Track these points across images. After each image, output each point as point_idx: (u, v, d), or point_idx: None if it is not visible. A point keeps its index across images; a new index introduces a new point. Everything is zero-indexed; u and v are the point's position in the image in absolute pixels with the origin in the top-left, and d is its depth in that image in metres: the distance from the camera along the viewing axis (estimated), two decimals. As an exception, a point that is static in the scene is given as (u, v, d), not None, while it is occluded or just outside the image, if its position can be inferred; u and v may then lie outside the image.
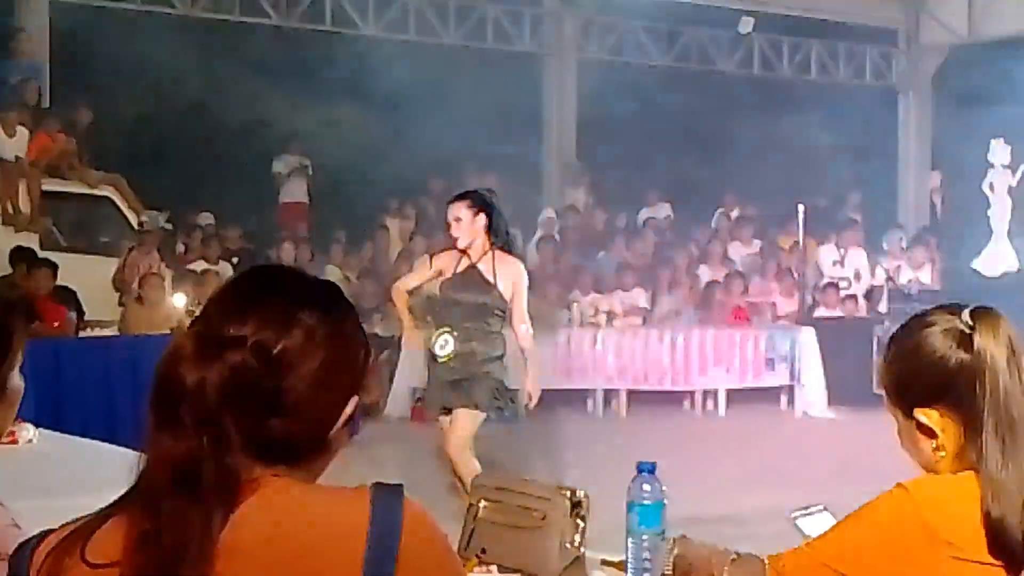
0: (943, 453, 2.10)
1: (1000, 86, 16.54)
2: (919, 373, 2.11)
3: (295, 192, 15.83)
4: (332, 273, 14.03)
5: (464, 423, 7.26)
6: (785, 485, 9.24)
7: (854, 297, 15.39)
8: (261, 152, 15.83)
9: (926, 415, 2.10)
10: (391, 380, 13.13)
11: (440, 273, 7.40)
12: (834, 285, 15.27)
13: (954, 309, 2.14)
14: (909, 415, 2.13)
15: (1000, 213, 13.55)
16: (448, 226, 7.17)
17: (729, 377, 13.87)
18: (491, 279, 7.14)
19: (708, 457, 11.28)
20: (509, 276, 7.19)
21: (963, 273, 13.59)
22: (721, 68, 18.64)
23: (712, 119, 18.36)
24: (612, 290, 14.55)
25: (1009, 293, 13.06)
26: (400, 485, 1.69)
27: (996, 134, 13.59)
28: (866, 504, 2.11)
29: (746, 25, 18.07)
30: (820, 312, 15.12)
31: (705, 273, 15.56)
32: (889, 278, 15.16)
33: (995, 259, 13.56)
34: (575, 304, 14.14)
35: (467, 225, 7.08)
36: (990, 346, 2.06)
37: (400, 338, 13.17)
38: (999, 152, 13.52)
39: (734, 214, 17.26)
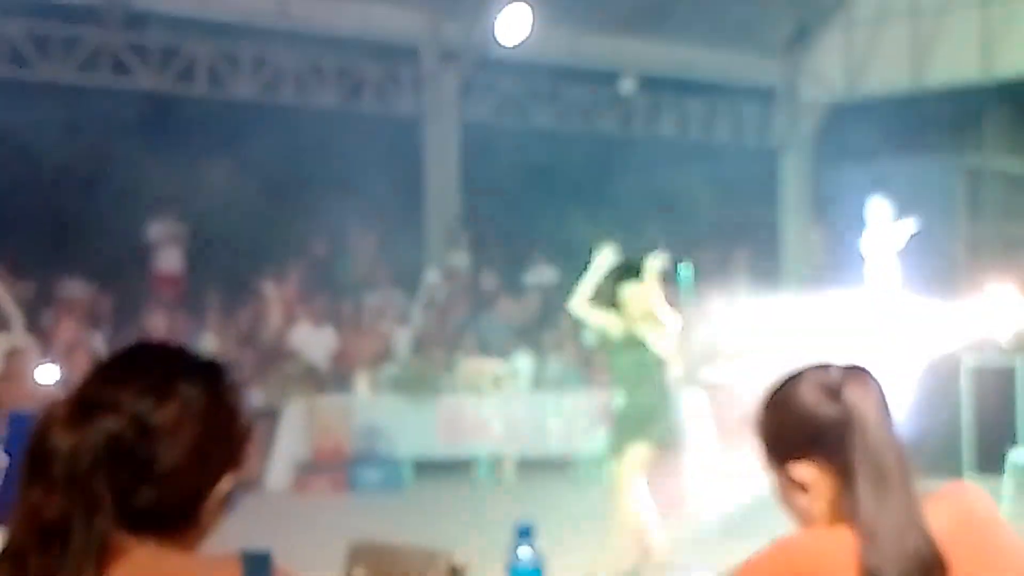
0: (817, 506, 2.12)
1: (877, 143, 16.80)
2: (791, 427, 2.13)
3: (169, 259, 15.50)
4: (208, 341, 13.70)
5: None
6: (676, 547, 9.14)
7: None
8: (133, 219, 15.46)
9: (799, 469, 2.12)
10: (270, 451, 12.81)
11: None
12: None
13: (824, 364, 2.15)
14: (782, 469, 2.14)
15: (879, 270, 13.66)
16: None
17: (616, 439, 13.72)
18: None
19: (596, 522, 11.15)
20: None
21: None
22: (602, 128, 18.68)
23: (595, 178, 18.37)
24: (498, 353, 14.40)
25: (890, 349, 13.17)
26: (268, 553, 1.71)
27: (874, 191, 13.72)
28: (743, 564, 2.12)
29: (626, 86, 18.21)
30: (706, 374, 15.06)
31: (590, 335, 15.45)
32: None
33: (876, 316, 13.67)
34: (459, 367, 13.96)
35: None
36: (859, 399, 2.08)
37: (280, 408, 12.96)
38: (877, 208, 13.65)
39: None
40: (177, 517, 1.74)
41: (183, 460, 1.71)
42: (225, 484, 1.77)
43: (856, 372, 2.14)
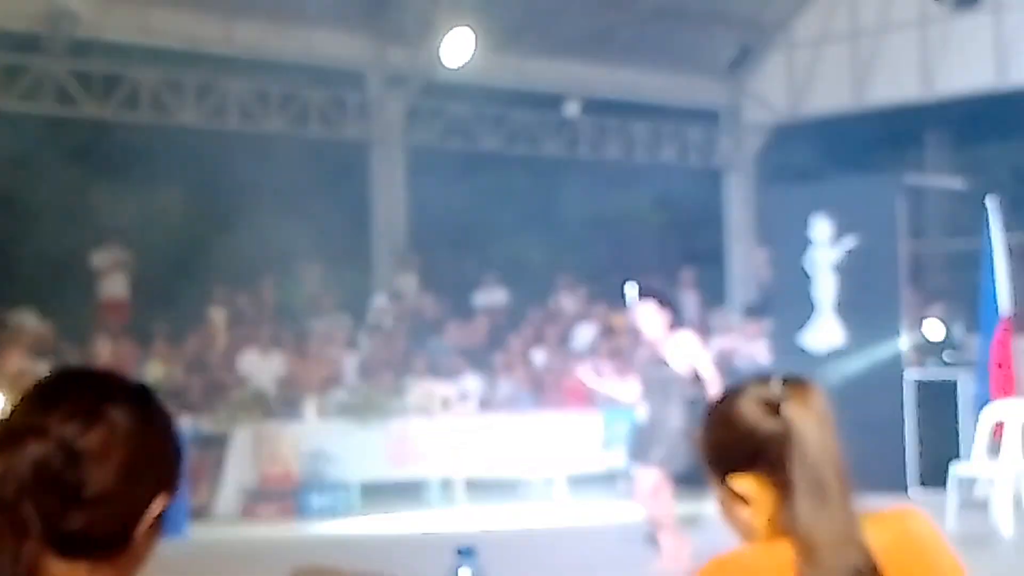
0: (758, 521, 2.12)
1: (820, 163, 17.00)
2: (731, 442, 2.14)
3: (115, 286, 15.45)
4: (154, 368, 13.66)
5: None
6: (625, 569, 9.23)
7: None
8: (79, 246, 15.40)
9: (740, 483, 2.13)
10: (218, 477, 12.77)
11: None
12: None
13: (766, 378, 2.17)
14: (724, 483, 2.15)
15: (823, 288, 13.80)
16: None
17: (566, 461, 13.82)
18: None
19: (545, 542, 11.22)
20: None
21: (791, 349, 13.79)
22: (549, 151, 18.80)
23: (542, 201, 18.49)
24: (447, 376, 14.44)
25: (836, 366, 13.32)
26: None
27: (817, 210, 13.86)
28: None
29: (571, 109, 18.36)
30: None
31: (540, 356, 15.54)
32: (721, 355, 15.28)
33: (821, 334, 13.80)
34: (408, 391, 13.98)
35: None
36: (799, 414, 2.09)
37: (228, 434, 12.93)
38: (821, 228, 13.79)
39: (568, 295, 17.34)
40: (108, 542, 1.73)
41: (112, 484, 1.71)
42: (157, 507, 1.76)
43: (797, 386, 2.14)
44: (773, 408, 2.11)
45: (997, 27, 17.67)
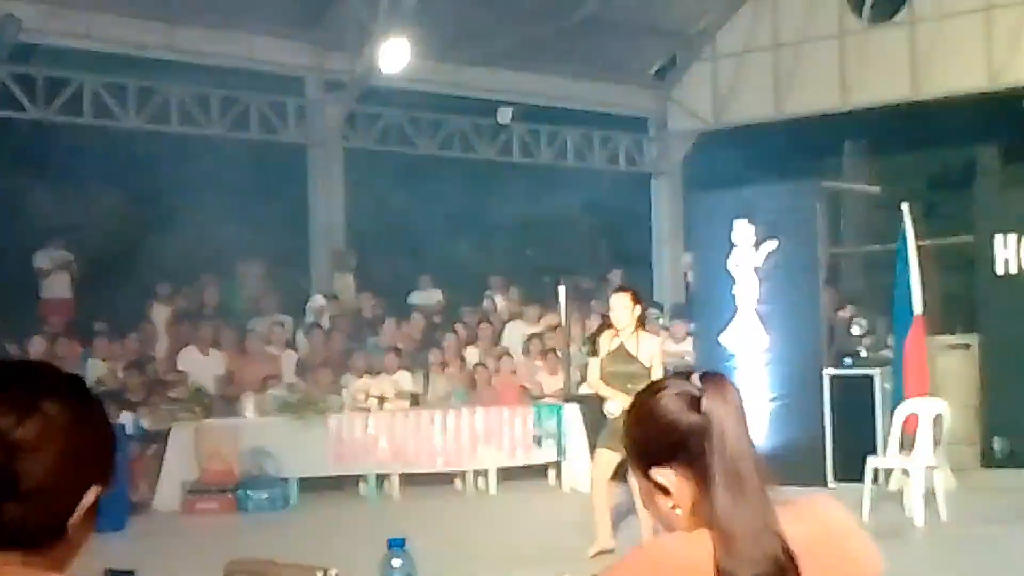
0: (679, 511, 2.17)
1: (743, 169, 17.41)
2: (654, 435, 2.19)
3: (57, 286, 15.54)
4: (95, 367, 13.80)
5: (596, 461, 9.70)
6: (554, 560, 9.50)
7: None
8: (21, 247, 15.49)
9: (662, 475, 2.18)
10: (159, 474, 12.94)
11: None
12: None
13: (686, 374, 2.23)
14: (647, 475, 2.20)
15: (746, 290, 14.21)
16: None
17: (499, 455, 14.14)
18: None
19: (479, 535, 11.46)
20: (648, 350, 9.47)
21: (715, 348, 14.19)
22: (483, 155, 19.16)
23: (476, 204, 18.82)
24: (383, 374, 14.68)
25: (758, 366, 13.79)
26: (133, 571, 1.78)
27: (740, 215, 14.30)
28: (606, 570, 2.14)
29: (504, 115, 18.70)
30: (584, 389, 15.58)
31: (474, 354, 15.87)
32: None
33: (742, 335, 14.20)
34: (345, 389, 14.23)
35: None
36: (718, 408, 2.14)
37: (168, 431, 13.10)
38: (743, 232, 14.21)
39: (500, 296, 17.68)
40: (43, 533, 1.72)
41: (48, 476, 1.69)
42: (90, 499, 1.75)
43: (716, 381, 2.19)
44: (693, 402, 2.15)
45: (912, 41, 18.23)
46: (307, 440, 13.33)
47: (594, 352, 9.90)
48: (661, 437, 2.18)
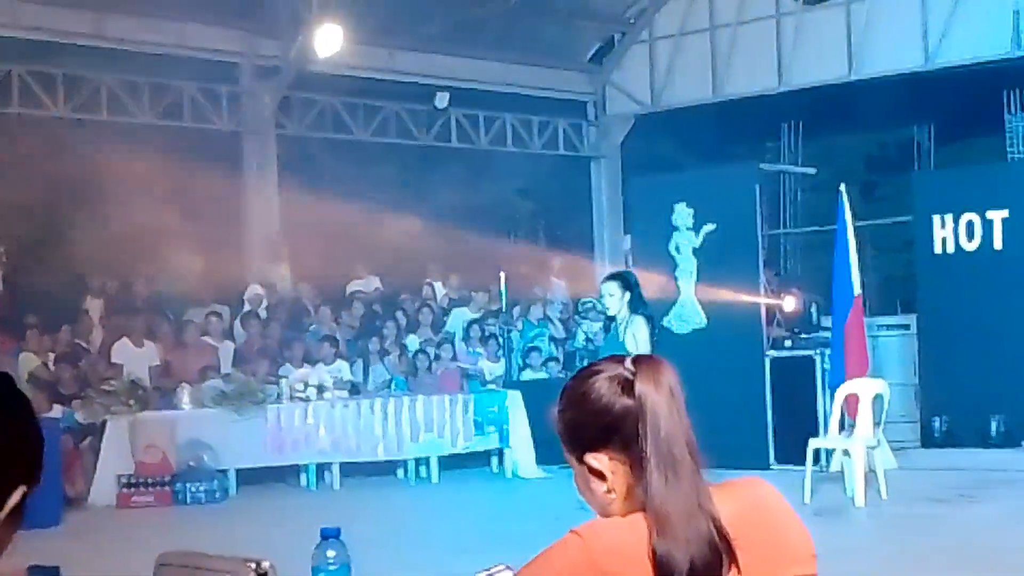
0: (614, 495, 2.17)
1: (681, 153, 17.47)
2: (587, 419, 2.18)
3: (-13, 280, 15.28)
4: (28, 360, 13.59)
5: None
6: (498, 546, 9.46)
7: (557, 359, 15.92)
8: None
9: (596, 459, 2.17)
10: (95, 468, 12.77)
11: None
12: (536, 349, 15.77)
13: (619, 358, 2.23)
14: (581, 460, 2.20)
15: (686, 273, 14.24)
16: None
17: (440, 443, 14.08)
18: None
19: (422, 524, 11.42)
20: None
21: (656, 331, 14.16)
22: (420, 141, 19.03)
23: (414, 190, 18.69)
24: (322, 363, 14.58)
25: (700, 347, 13.78)
26: (57, 568, 1.74)
27: (679, 198, 14.31)
28: (540, 554, 2.12)
29: (442, 100, 18.59)
30: (526, 375, 15.56)
31: (414, 342, 15.78)
32: (588, 339, 15.71)
33: (684, 317, 14.22)
34: (284, 379, 14.10)
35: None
36: (651, 391, 2.14)
37: (103, 423, 12.89)
38: (682, 215, 14.23)
39: (441, 282, 17.59)
40: None
41: None
42: (15, 498, 1.72)
43: (649, 364, 2.19)
44: (627, 386, 2.16)
45: (848, 21, 18.29)
46: (245, 431, 13.23)
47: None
48: (595, 421, 2.17)
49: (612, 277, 9.93)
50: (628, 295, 9.54)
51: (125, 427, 12.88)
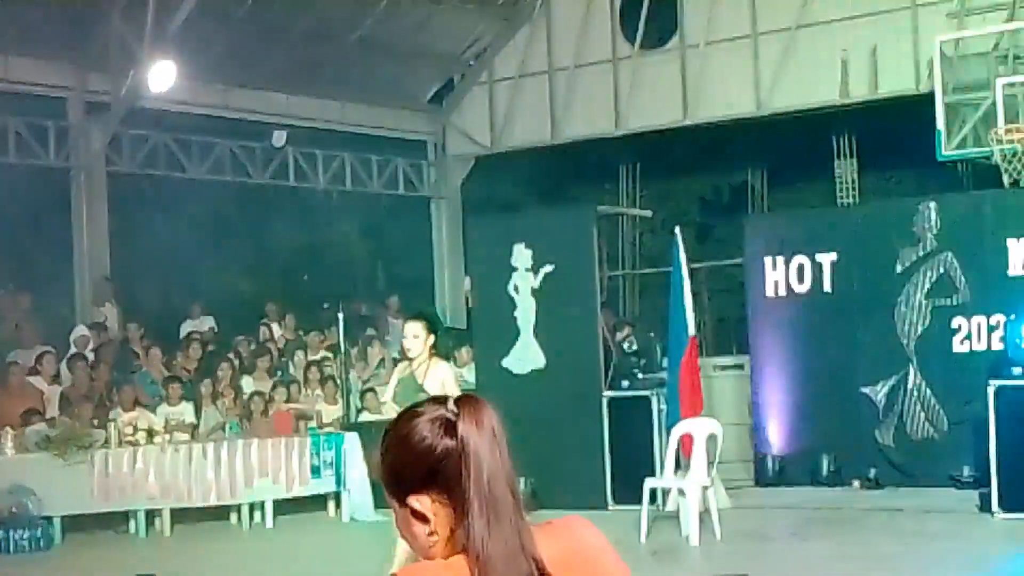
0: (436, 537, 2.16)
1: (520, 194, 17.57)
2: (410, 461, 2.17)
3: None
4: None
5: None
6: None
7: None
8: None
9: (419, 501, 2.16)
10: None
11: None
12: (372, 390, 15.62)
13: (441, 399, 2.22)
14: (403, 503, 2.18)
15: (525, 313, 14.26)
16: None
17: (275, 488, 13.82)
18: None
19: (255, 570, 11.19)
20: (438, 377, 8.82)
21: (496, 372, 14.16)
22: (256, 179, 18.76)
23: (250, 230, 18.43)
24: (153, 406, 14.22)
25: (538, 388, 13.79)
26: None
27: (518, 239, 14.34)
28: None
29: (279, 138, 18.36)
30: (364, 417, 15.38)
31: (249, 384, 15.50)
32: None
33: (523, 358, 14.23)
34: (112, 423, 13.69)
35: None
36: (473, 432, 2.14)
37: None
38: (521, 256, 14.26)
39: (276, 324, 17.33)
40: None
41: None
42: None
43: (471, 405, 2.18)
44: (449, 427, 2.15)
45: (683, 67, 18.66)
46: (71, 477, 12.82)
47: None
48: (417, 463, 2.16)
49: (418, 317, 9.21)
50: (431, 338, 8.95)
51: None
